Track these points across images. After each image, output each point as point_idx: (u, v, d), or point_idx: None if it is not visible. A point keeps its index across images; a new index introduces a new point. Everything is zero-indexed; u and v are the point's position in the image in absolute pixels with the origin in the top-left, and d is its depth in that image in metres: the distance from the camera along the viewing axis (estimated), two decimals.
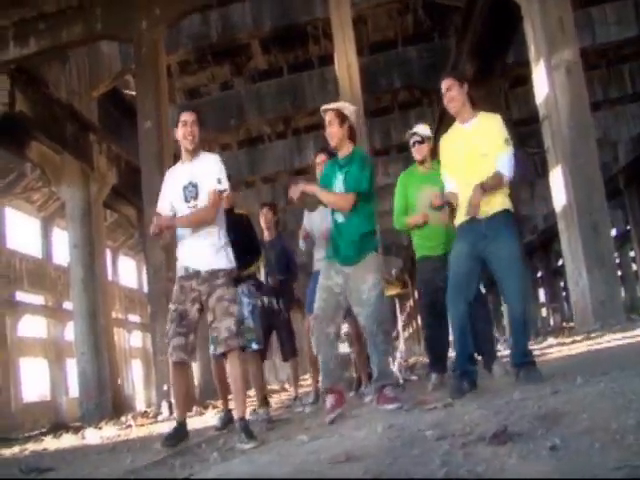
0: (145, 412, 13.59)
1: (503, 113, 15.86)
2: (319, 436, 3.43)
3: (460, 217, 4.13)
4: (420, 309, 5.53)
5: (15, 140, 13.22)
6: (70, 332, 17.26)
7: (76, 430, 10.25)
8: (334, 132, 4.17)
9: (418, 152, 5.11)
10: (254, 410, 5.88)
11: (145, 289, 23.44)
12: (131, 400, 25.93)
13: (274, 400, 9.96)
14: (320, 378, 4.45)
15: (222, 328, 3.95)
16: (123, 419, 11.15)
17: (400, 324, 8.03)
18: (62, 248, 19.11)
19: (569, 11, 9.32)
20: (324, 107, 4.28)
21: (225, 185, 4.04)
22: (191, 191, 4.05)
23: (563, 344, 8.54)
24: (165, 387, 12.06)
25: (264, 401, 5.76)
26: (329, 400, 4.19)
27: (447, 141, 4.26)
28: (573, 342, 8.37)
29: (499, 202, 4.05)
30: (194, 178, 4.06)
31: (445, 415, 3.11)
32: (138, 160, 11.39)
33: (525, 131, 19.99)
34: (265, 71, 17.27)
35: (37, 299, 22.40)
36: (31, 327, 21.96)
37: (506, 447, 1.96)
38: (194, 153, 4.12)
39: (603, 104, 19.49)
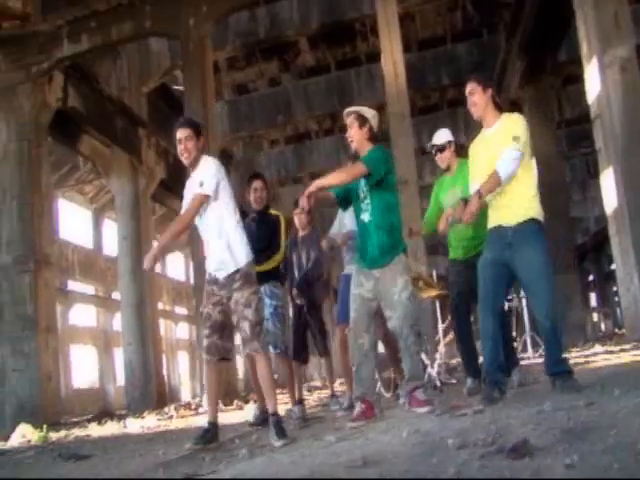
0: (188, 403, 13.87)
1: (553, 112, 15.50)
2: (346, 437, 3.42)
3: (489, 223, 4.10)
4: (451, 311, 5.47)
5: (67, 134, 13.61)
6: (118, 321, 17.70)
7: (120, 418, 10.55)
8: (353, 134, 4.25)
9: (440, 161, 5.19)
10: (289, 409, 5.90)
11: (192, 282, 23.86)
12: (177, 391, 26.45)
13: (314, 397, 10.01)
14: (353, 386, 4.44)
15: (242, 331, 4.06)
16: (166, 409, 11.41)
17: (441, 326, 7.90)
18: (112, 239, 19.61)
19: (625, 5, 8.96)
20: (346, 110, 4.34)
21: (206, 188, 4.03)
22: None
23: (610, 352, 8.28)
24: None
25: (299, 400, 5.78)
26: (358, 408, 4.19)
27: (473, 148, 4.22)
28: (620, 351, 8.11)
29: (525, 211, 3.97)
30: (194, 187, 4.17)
31: (472, 423, 3.05)
32: None
33: (578, 131, 19.46)
34: (313, 68, 17.30)
35: (87, 288, 23.06)
36: (81, 316, 22.65)
37: (523, 461, 1.90)
38: (194, 164, 4.18)
39: None
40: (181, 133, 4.14)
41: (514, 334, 6.97)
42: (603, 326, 34.70)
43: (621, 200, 9.16)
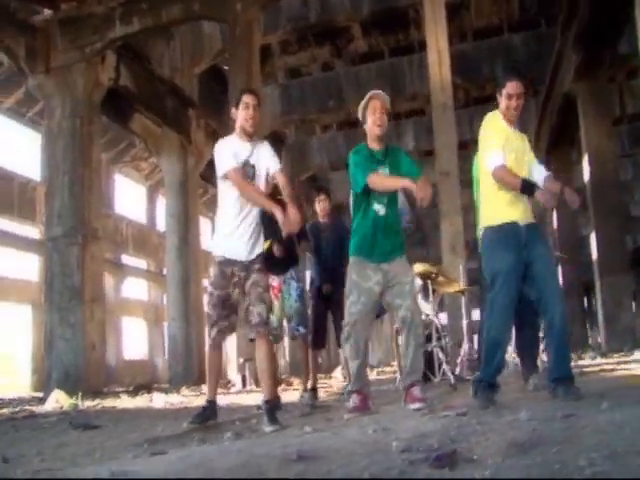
0: (228, 382, 14.14)
1: (612, 107, 14.82)
2: (322, 429, 3.45)
3: (497, 218, 3.92)
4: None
5: (120, 112, 13.99)
6: None
7: (157, 392, 10.89)
8: (386, 120, 4.17)
9: None
10: (302, 395, 5.98)
11: None
12: (223, 367, 26.95)
13: (337, 384, 10.08)
14: (349, 379, 4.42)
15: (255, 313, 4.05)
16: (203, 386, 11.69)
17: (465, 321, 7.81)
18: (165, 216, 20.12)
19: None
20: (377, 93, 4.19)
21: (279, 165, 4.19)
22: (249, 171, 4.11)
23: None
24: (241, 360, 12.48)
25: (312, 388, 5.85)
26: (353, 399, 4.20)
27: (497, 127, 4.01)
28: None
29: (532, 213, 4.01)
30: (252, 159, 4.13)
31: (442, 426, 3.03)
32: None
33: None
34: (365, 54, 17.17)
35: (140, 263, 23.74)
36: (133, 289, 23.38)
37: (442, 471, 1.90)
38: (253, 136, 4.19)
39: None
40: (251, 99, 4.12)
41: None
42: None
43: None
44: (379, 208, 4.12)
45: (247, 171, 4.08)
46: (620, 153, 18.83)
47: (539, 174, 4.01)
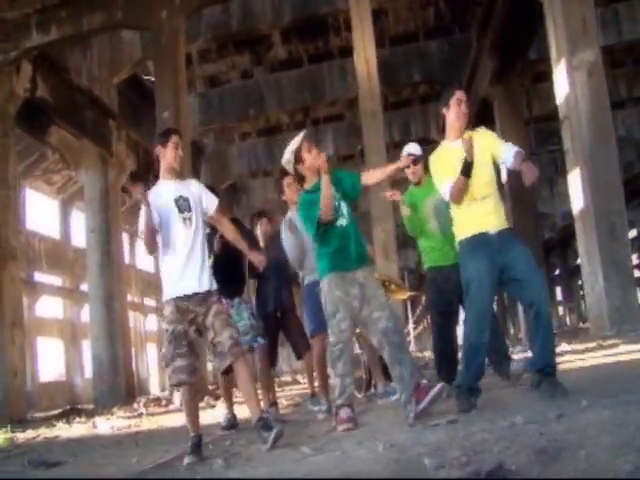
0: (157, 398, 13.74)
1: (522, 109, 15.60)
2: (322, 449, 3.41)
3: (468, 230, 4.04)
4: (432, 319, 5.50)
5: (36, 125, 13.31)
6: (86, 313, 17.48)
7: (88, 414, 10.41)
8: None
9: (414, 174, 5.24)
10: (267, 410, 5.88)
11: None
12: (146, 383, 26.25)
13: (284, 394, 10.01)
14: (337, 395, 4.38)
15: (225, 339, 3.99)
16: (135, 405, 11.28)
17: (411, 324, 8.00)
18: (80, 230, 19.30)
19: (592, 10, 9.16)
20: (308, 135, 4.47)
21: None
22: (183, 204, 4.12)
23: (576, 352, 8.40)
24: None
25: (273, 402, 5.82)
26: (346, 412, 4.15)
27: (440, 161, 4.16)
28: (586, 350, 8.25)
29: (505, 220, 4.11)
30: (184, 193, 4.17)
31: (447, 436, 3.09)
32: None
33: (547, 128, 19.78)
34: (285, 61, 17.24)
35: (55, 280, 22.67)
36: (48, 308, 22.27)
37: None
38: (179, 174, 4.29)
39: (628, 102, 19.20)
40: (179, 140, 4.24)
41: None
42: (568, 320, 35.48)
43: (587, 200, 9.38)
44: (342, 221, 4.30)
45: (181, 205, 4.10)
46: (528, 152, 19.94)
47: (508, 153, 3.98)
